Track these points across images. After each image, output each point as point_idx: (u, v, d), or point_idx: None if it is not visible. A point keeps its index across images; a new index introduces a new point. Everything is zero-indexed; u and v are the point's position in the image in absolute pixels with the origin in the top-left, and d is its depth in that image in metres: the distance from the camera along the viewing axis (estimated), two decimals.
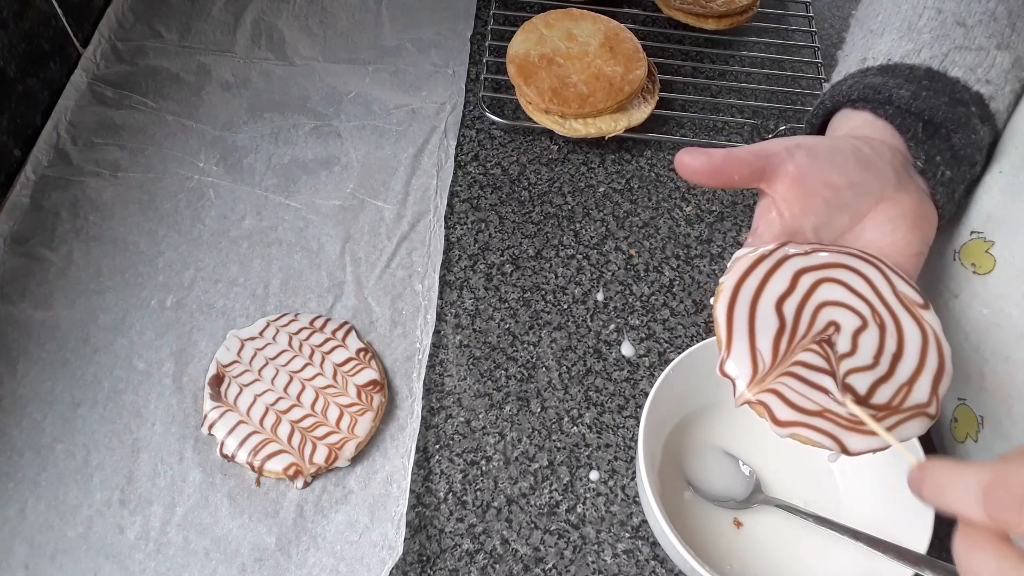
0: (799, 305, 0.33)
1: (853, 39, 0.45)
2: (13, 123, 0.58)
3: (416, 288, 0.55)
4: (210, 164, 0.60)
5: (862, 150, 0.36)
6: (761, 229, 0.36)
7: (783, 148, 0.35)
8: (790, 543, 0.44)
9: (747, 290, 0.33)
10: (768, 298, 0.33)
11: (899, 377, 0.32)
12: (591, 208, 0.61)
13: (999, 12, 0.41)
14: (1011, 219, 0.38)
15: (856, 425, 0.31)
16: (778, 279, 0.33)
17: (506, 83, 0.66)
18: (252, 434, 0.47)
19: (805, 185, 0.35)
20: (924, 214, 0.36)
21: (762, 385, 0.31)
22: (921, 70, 0.39)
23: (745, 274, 0.34)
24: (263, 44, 0.69)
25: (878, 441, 0.31)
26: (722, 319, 0.32)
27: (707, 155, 0.35)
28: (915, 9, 0.42)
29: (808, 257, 0.34)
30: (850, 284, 0.34)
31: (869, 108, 0.39)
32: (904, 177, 0.36)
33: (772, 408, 0.31)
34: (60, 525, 0.44)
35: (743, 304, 0.33)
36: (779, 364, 0.31)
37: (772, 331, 0.32)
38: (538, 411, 0.51)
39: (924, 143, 0.37)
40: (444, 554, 0.45)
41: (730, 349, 0.32)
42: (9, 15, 0.57)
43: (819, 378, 0.31)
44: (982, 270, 0.39)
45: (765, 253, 0.34)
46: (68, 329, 0.51)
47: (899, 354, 0.33)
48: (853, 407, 0.30)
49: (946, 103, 0.38)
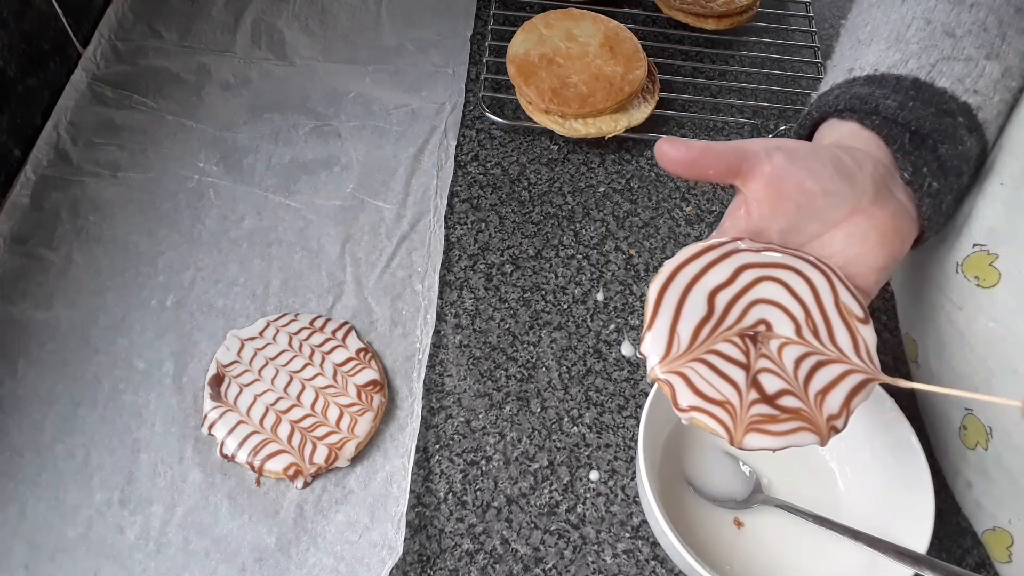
0: (732, 298, 0.34)
1: (842, 49, 0.45)
2: (13, 123, 0.58)
3: (416, 288, 0.55)
4: (210, 164, 0.60)
5: (843, 160, 0.36)
6: (727, 225, 0.36)
7: (762, 148, 0.35)
8: (790, 543, 0.44)
9: (685, 275, 0.34)
10: (703, 287, 0.34)
11: (815, 385, 0.32)
12: (591, 208, 0.61)
13: (989, 22, 0.40)
14: (1015, 233, 0.38)
15: (757, 423, 0.31)
16: (719, 270, 0.34)
17: (506, 83, 0.66)
18: (252, 434, 0.47)
19: (779, 187, 0.35)
20: (897, 230, 0.36)
21: (671, 366, 0.32)
22: (908, 80, 0.39)
23: (688, 260, 0.34)
24: (263, 44, 0.69)
25: (772, 441, 0.31)
26: (652, 298, 0.33)
27: (685, 146, 0.35)
28: (904, 19, 0.42)
29: (757, 255, 0.35)
30: (791, 286, 0.34)
31: (856, 118, 0.39)
32: (883, 191, 0.36)
33: (676, 390, 0.31)
34: (60, 525, 0.44)
35: (676, 287, 0.34)
36: (694, 349, 0.32)
37: (697, 317, 0.33)
38: (538, 411, 0.51)
39: (911, 154, 0.37)
40: (444, 554, 0.45)
41: (651, 327, 0.33)
42: (9, 15, 0.57)
43: (731, 370, 0.32)
44: (986, 283, 0.39)
45: (714, 244, 0.35)
46: (68, 329, 0.51)
47: (824, 362, 0.33)
48: None
49: (933, 113, 0.38)
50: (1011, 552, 0.43)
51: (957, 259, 0.41)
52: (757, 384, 0.32)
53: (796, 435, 0.31)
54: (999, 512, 0.43)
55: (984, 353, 0.40)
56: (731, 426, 0.31)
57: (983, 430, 0.42)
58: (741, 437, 0.31)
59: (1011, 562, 0.43)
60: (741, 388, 0.31)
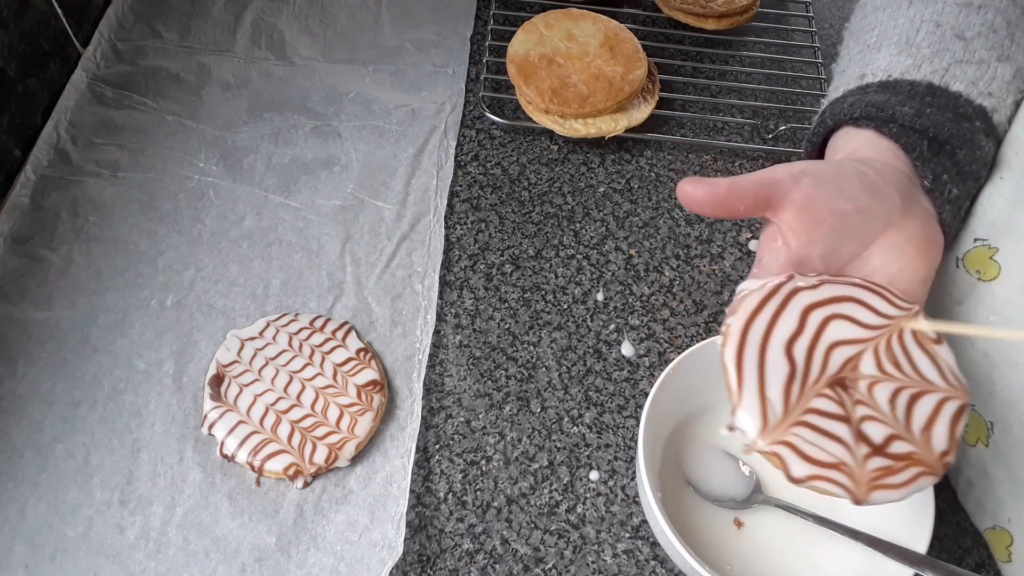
0: (809, 347, 0.32)
1: (849, 53, 0.45)
2: (13, 123, 0.58)
3: (416, 288, 0.55)
4: (210, 164, 0.60)
5: (867, 174, 0.35)
6: (767, 259, 0.35)
7: (788, 175, 0.34)
8: (790, 543, 0.44)
9: (755, 333, 0.32)
10: (777, 340, 0.32)
11: (917, 421, 0.31)
12: (591, 208, 0.61)
13: (998, 23, 0.40)
14: (1015, 226, 0.38)
15: (876, 479, 0.30)
16: (787, 319, 0.32)
17: (506, 83, 0.66)
18: (252, 434, 0.47)
19: (812, 212, 0.34)
20: (931, 238, 0.36)
21: (774, 436, 0.30)
22: (922, 86, 0.38)
23: (753, 315, 0.33)
24: (263, 44, 0.69)
25: (896, 495, 0.30)
26: (731, 366, 0.31)
27: (711, 185, 0.34)
28: (912, 23, 0.41)
29: (815, 292, 0.33)
30: (859, 319, 0.33)
31: (872, 126, 0.38)
32: (910, 200, 0.36)
33: (787, 462, 0.30)
34: (60, 525, 0.44)
35: (752, 349, 0.32)
36: (791, 412, 0.31)
37: (782, 377, 0.31)
38: (538, 411, 0.51)
39: (930, 161, 0.37)
40: (444, 554, 0.45)
41: (741, 399, 0.31)
42: (9, 15, 0.57)
43: (834, 426, 0.31)
44: (987, 277, 0.39)
45: (772, 290, 0.33)
46: (68, 329, 0.51)
47: (917, 395, 0.32)
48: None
49: (950, 119, 0.37)
50: (1011, 551, 0.43)
51: (958, 254, 0.41)
52: (863, 435, 0.31)
53: (917, 482, 0.30)
54: (999, 511, 0.43)
55: (985, 347, 0.40)
56: (852, 487, 0.30)
57: (984, 426, 0.42)
58: (865, 497, 0.30)
59: (1011, 562, 0.43)
60: (849, 444, 0.30)
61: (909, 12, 0.42)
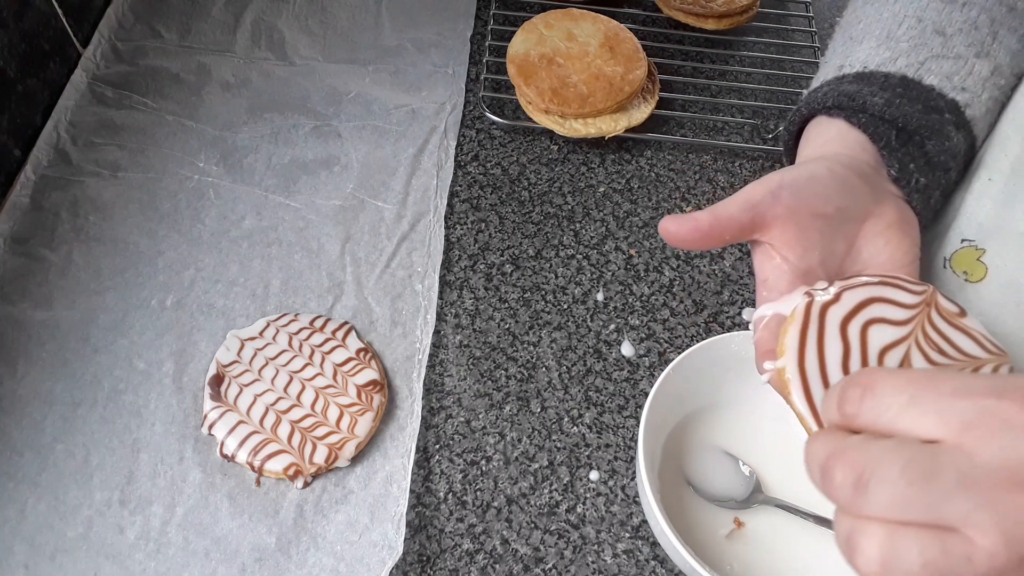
0: (862, 362, 0.32)
1: (834, 46, 0.45)
2: (13, 123, 0.58)
3: (416, 288, 0.55)
4: (210, 164, 0.60)
5: (836, 171, 0.36)
6: (772, 280, 0.35)
7: (766, 193, 0.35)
8: (790, 543, 0.44)
9: (812, 369, 0.31)
10: (833, 368, 0.31)
11: None
12: (591, 208, 0.61)
13: (981, 21, 0.41)
14: (1002, 227, 0.38)
15: None
16: (831, 343, 0.32)
17: (506, 83, 0.66)
18: (252, 434, 0.47)
19: (798, 223, 0.34)
20: (907, 219, 0.37)
21: None
22: (896, 78, 0.39)
23: (800, 351, 0.32)
24: (263, 44, 0.69)
25: None
26: (806, 412, 0.31)
27: (693, 220, 0.34)
28: (895, 17, 0.42)
29: (840, 304, 0.33)
30: (891, 319, 0.33)
31: (843, 116, 0.39)
32: (880, 188, 0.36)
33: None
34: (60, 525, 0.44)
35: (816, 386, 0.31)
36: None
37: None
38: (538, 411, 0.51)
39: (897, 151, 0.37)
40: (444, 554, 0.45)
41: None
42: (9, 15, 0.57)
43: None
44: (974, 278, 0.39)
45: (802, 317, 0.33)
46: (68, 329, 0.51)
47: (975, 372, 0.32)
48: None
49: (919, 110, 0.38)
50: None
51: (944, 254, 0.41)
52: None
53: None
54: None
55: None
56: None
57: None
58: None
59: None
60: None
61: (894, 7, 0.43)
